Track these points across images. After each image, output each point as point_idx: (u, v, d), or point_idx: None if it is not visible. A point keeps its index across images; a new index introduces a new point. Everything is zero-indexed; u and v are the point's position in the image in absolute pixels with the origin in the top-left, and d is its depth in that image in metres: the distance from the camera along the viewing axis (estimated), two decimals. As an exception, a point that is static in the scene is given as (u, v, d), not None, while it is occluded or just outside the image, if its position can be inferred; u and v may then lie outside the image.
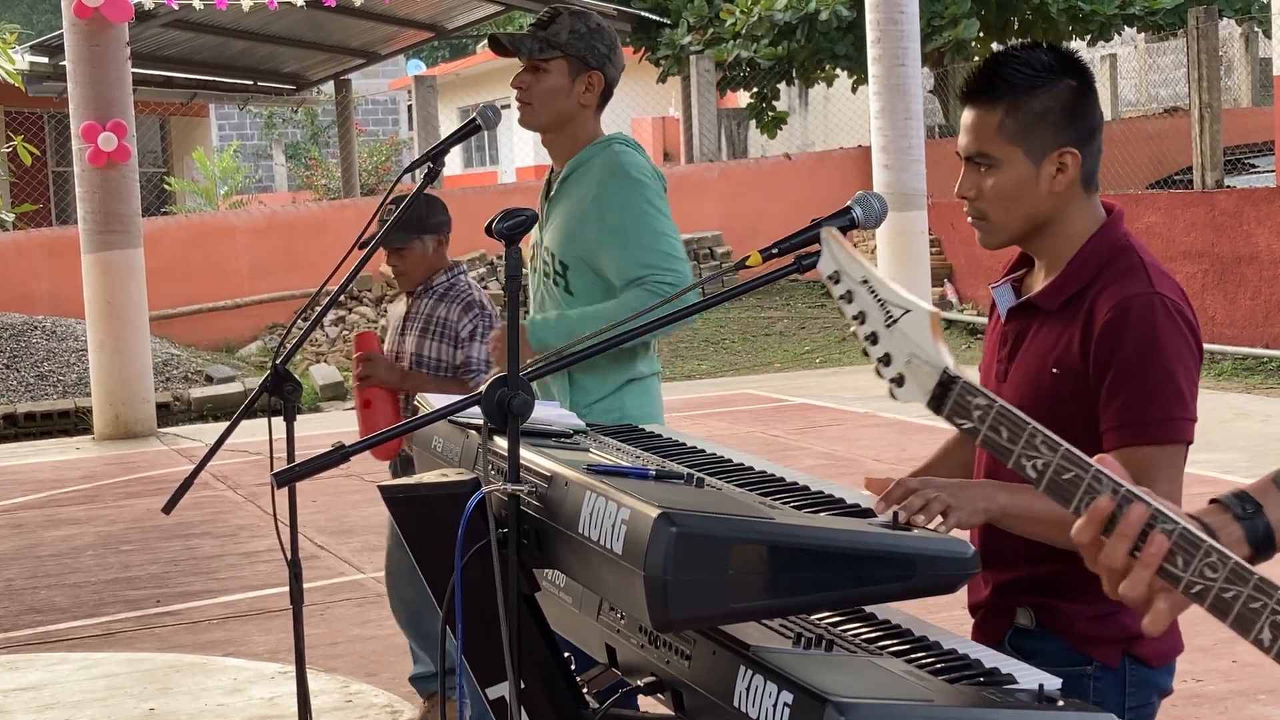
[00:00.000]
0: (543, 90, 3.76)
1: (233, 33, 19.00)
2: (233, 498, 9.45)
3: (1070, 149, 2.46)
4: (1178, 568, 1.50)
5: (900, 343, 1.64)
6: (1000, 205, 2.49)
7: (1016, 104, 2.45)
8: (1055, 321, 2.47)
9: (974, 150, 2.50)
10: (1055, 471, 1.56)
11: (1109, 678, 2.48)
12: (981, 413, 1.59)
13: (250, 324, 16.41)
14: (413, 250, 4.91)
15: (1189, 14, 14.33)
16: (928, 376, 1.63)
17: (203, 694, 5.64)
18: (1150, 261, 2.45)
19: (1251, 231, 12.91)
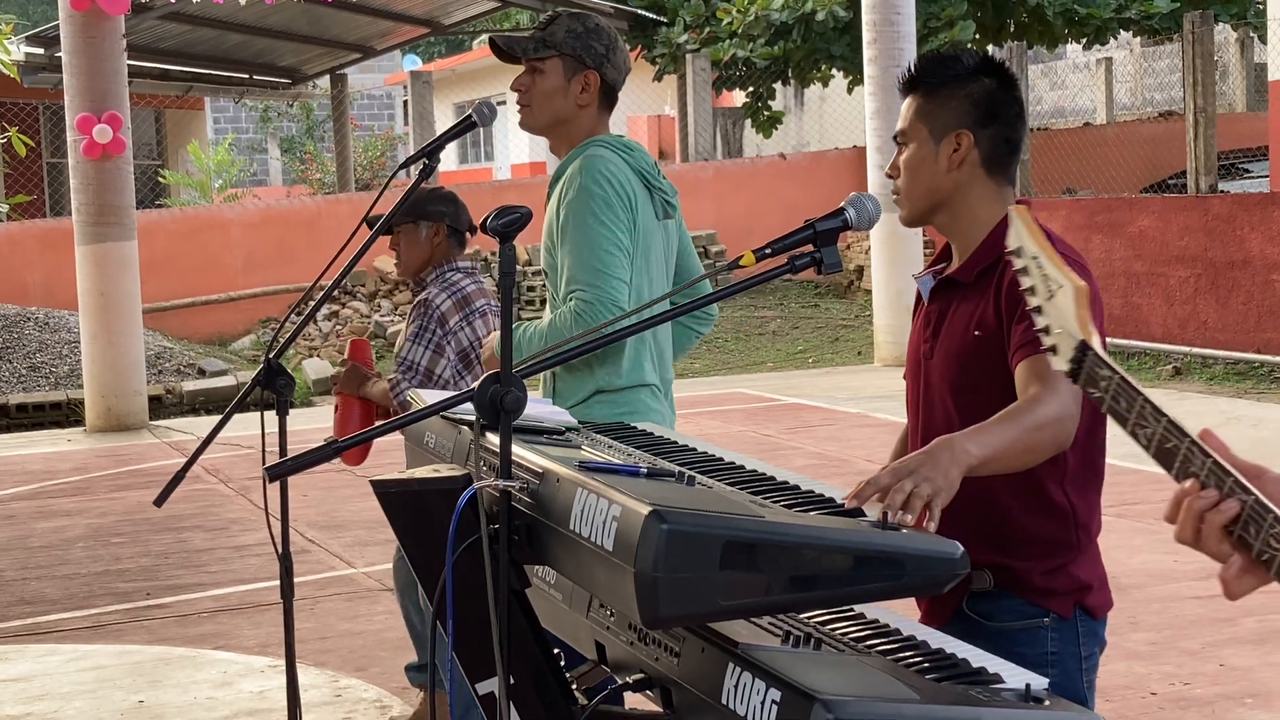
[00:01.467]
0: (540, 91, 3.74)
1: (229, 26, 18.98)
2: (224, 491, 9.45)
3: (965, 131, 2.73)
4: (1250, 535, 1.58)
5: (1055, 315, 1.80)
6: (907, 178, 2.79)
7: (931, 91, 2.77)
8: (972, 293, 2.72)
9: (897, 130, 2.83)
10: (1160, 440, 1.66)
11: (1064, 628, 2.67)
12: (1106, 383, 1.72)
13: (243, 318, 16.41)
14: (407, 234, 4.90)
15: (1185, 18, 14.35)
16: (1068, 347, 1.77)
17: (192, 687, 5.65)
18: (1055, 234, 2.57)
19: (1245, 236, 12.93)
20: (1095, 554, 2.75)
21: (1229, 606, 6.10)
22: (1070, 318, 1.78)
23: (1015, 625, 2.65)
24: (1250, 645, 5.60)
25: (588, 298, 3.52)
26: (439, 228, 4.91)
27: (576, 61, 3.73)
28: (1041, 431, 2.47)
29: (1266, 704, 5.09)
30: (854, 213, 2.34)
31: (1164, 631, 5.74)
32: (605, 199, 3.61)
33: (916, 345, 2.88)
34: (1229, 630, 5.80)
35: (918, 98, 2.79)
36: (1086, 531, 2.71)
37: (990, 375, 2.65)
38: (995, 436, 2.43)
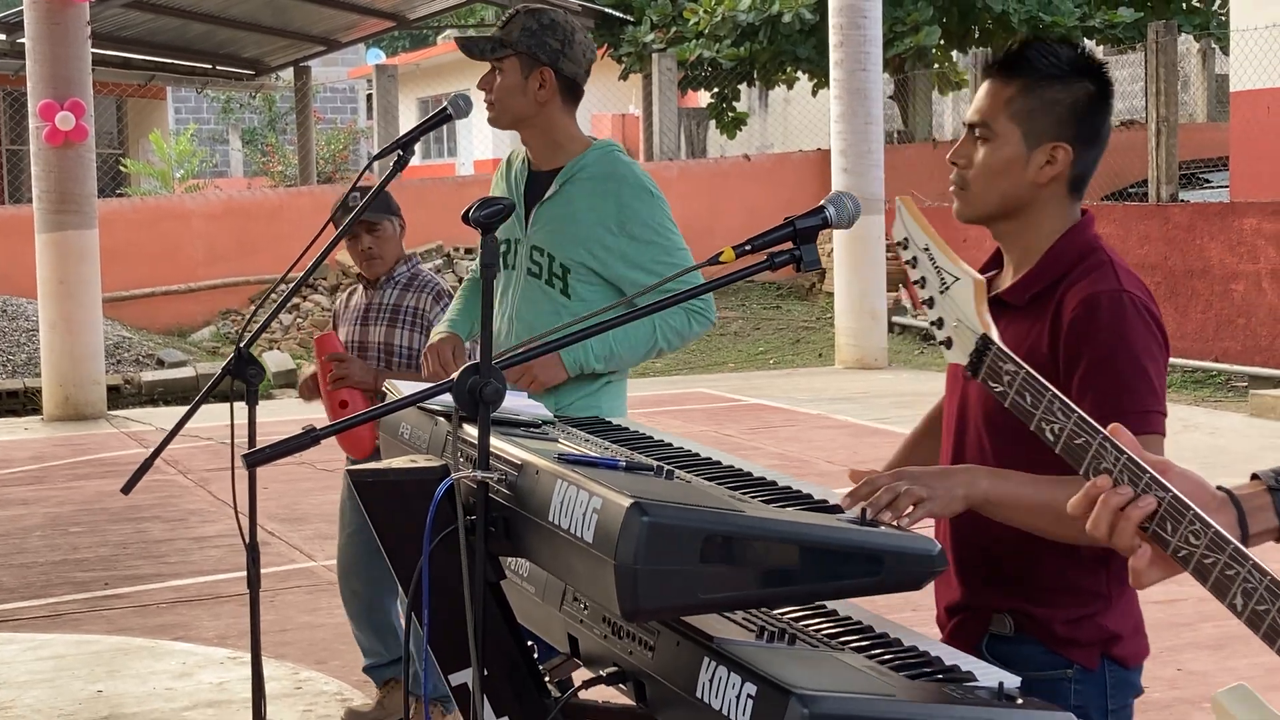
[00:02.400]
0: (500, 89, 3.79)
1: (193, 15, 18.88)
2: (183, 482, 9.39)
3: (1064, 144, 2.48)
4: (1166, 532, 1.60)
5: (950, 308, 1.77)
6: (983, 178, 2.50)
7: (1030, 86, 2.48)
8: (1023, 317, 2.48)
9: (977, 119, 2.51)
10: (1069, 436, 1.66)
11: (1089, 680, 2.48)
12: (1010, 377, 1.71)
13: (203, 309, 16.32)
14: (384, 230, 4.90)
15: (1148, 28, 14.46)
16: (967, 340, 1.75)
17: (151, 677, 5.61)
18: (1118, 262, 2.48)
19: (1204, 246, 13.04)
20: (1129, 601, 2.53)
21: (1187, 612, 6.15)
22: (969, 311, 1.75)
23: (1035, 675, 2.36)
24: (1208, 650, 5.64)
25: (703, 304, 3.82)
26: (403, 222, 4.97)
27: (531, 59, 3.76)
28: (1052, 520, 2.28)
29: (1223, 708, 5.13)
30: (834, 211, 2.34)
31: (1122, 635, 5.78)
32: (667, 207, 3.84)
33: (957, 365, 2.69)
34: (1187, 635, 5.85)
35: (1015, 90, 2.48)
36: (1121, 581, 2.47)
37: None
38: (1021, 489, 2.31)
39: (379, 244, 4.90)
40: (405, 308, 4.89)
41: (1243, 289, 12.72)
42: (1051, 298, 2.44)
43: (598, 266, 3.74)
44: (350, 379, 4.75)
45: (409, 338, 4.87)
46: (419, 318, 4.86)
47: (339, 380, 4.75)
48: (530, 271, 3.83)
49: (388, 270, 4.95)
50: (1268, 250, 12.53)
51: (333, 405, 4.81)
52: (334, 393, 4.78)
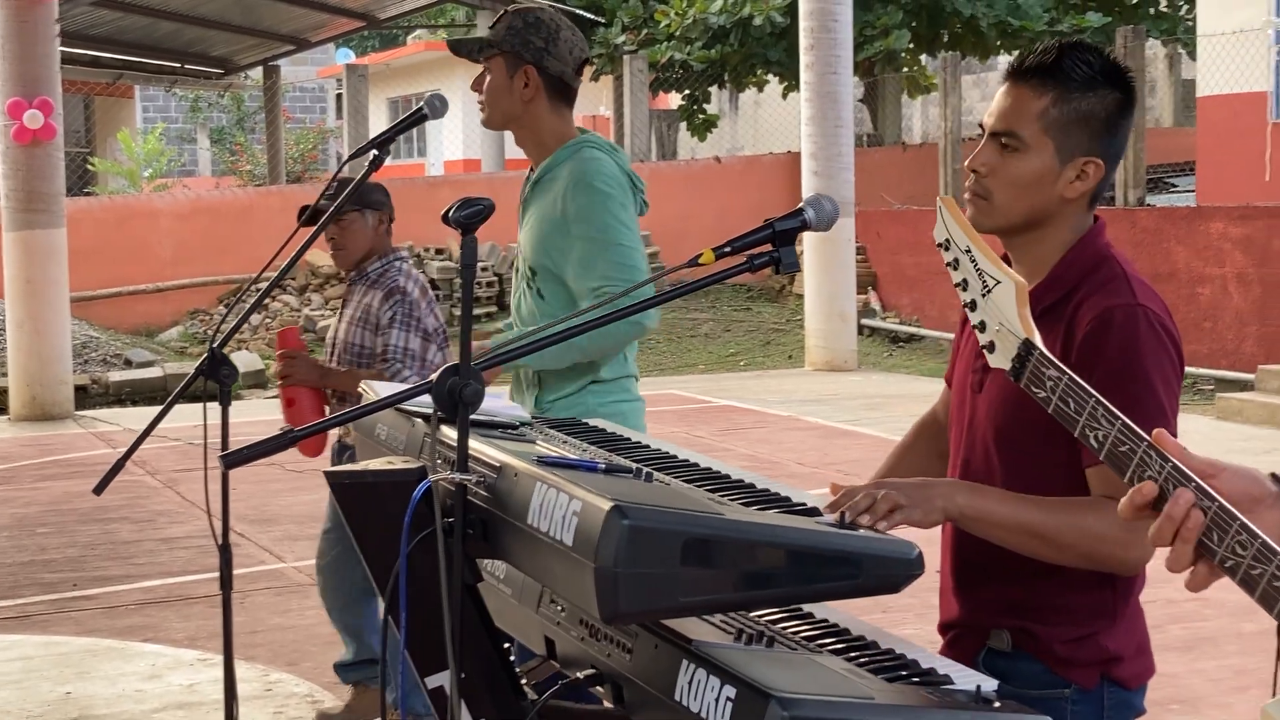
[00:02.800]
0: (488, 89, 3.78)
1: (162, 14, 18.81)
2: (151, 483, 9.34)
3: (1096, 159, 2.40)
4: (1213, 542, 1.58)
5: (992, 311, 1.75)
6: (1010, 190, 2.40)
7: (1067, 97, 2.38)
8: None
9: (1007, 128, 2.40)
10: (1114, 443, 1.65)
11: (1087, 701, 2.43)
12: (1053, 383, 1.70)
13: (171, 309, 16.24)
14: (351, 223, 4.84)
15: (1116, 33, 14.55)
16: (1010, 345, 1.73)
17: (120, 679, 5.58)
18: (1132, 273, 2.42)
19: (1171, 250, 13.12)
20: (1133, 620, 2.48)
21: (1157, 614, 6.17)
22: (1011, 315, 1.74)
23: (1033, 693, 2.35)
24: (1177, 652, 5.67)
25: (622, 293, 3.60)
26: (382, 216, 4.90)
27: (515, 57, 3.74)
28: (1067, 535, 2.27)
29: (1193, 709, 5.17)
30: (813, 213, 2.34)
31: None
32: (622, 201, 3.70)
33: (965, 374, 2.54)
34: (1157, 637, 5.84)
35: (1050, 100, 2.38)
36: (1126, 599, 2.44)
37: (1040, 431, 2.31)
38: (998, 507, 2.29)
39: (342, 235, 4.86)
40: (363, 305, 4.87)
41: (1209, 293, 12.80)
42: (1064, 310, 2.38)
43: (553, 267, 3.72)
44: (294, 377, 4.76)
45: (361, 336, 4.82)
46: (370, 316, 4.82)
47: (284, 378, 4.77)
48: (520, 274, 3.85)
49: (355, 264, 4.90)
50: (1234, 254, 12.61)
51: (283, 402, 4.82)
52: (284, 390, 4.80)
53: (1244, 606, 5.80)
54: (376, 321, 4.80)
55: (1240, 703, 5.17)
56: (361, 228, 4.85)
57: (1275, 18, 14.88)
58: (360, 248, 4.88)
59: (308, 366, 4.77)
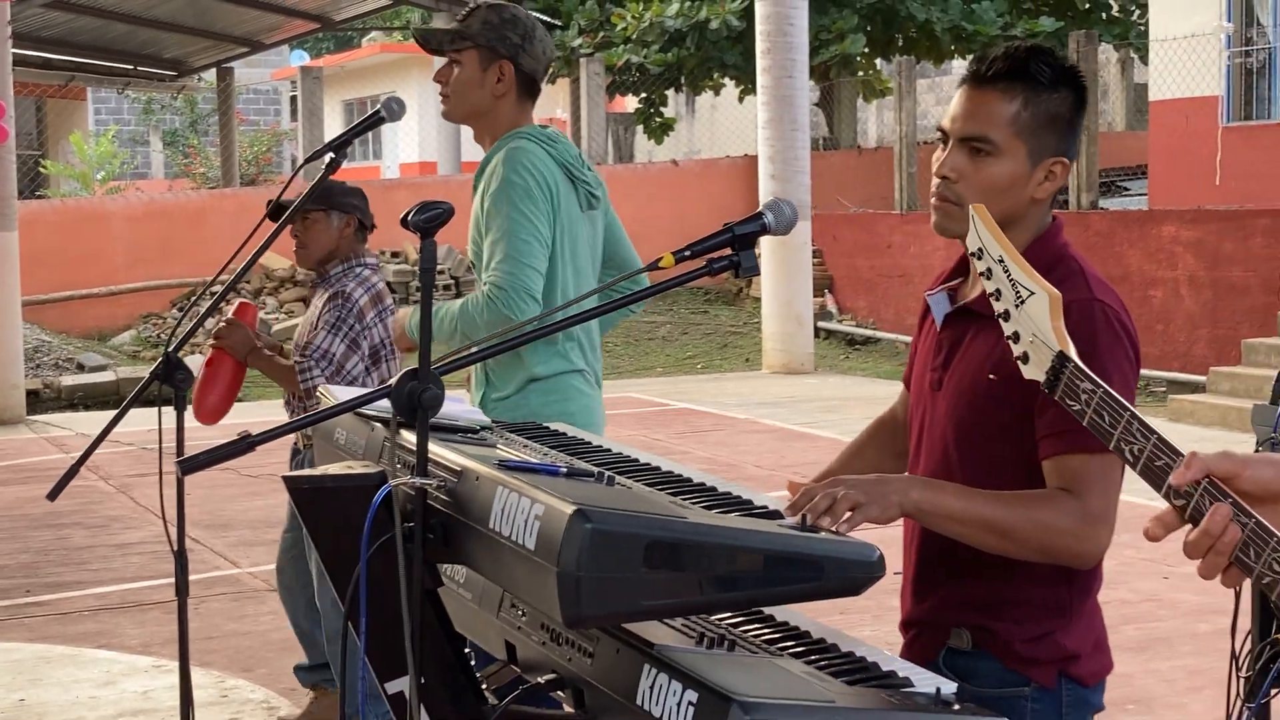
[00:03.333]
0: (457, 81, 3.77)
1: (114, 16, 18.65)
2: (105, 488, 9.27)
3: (1064, 159, 2.42)
4: (1250, 558, 1.58)
5: (1026, 322, 1.74)
6: (983, 195, 2.36)
7: (1036, 99, 2.39)
8: (993, 327, 2.27)
9: (977, 133, 2.39)
10: (1149, 458, 1.64)
11: (1046, 699, 2.44)
12: (1088, 396, 1.68)
13: (124, 312, 16.12)
14: (315, 222, 4.80)
15: (1069, 38, 14.63)
16: (1044, 357, 1.72)
17: (74, 686, 5.53)
18: (1089, 270, 2.44)
19: (1123, 253, 13.21)
20: (1090, 618, 2.49)
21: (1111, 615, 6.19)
22: (1045, 327, 1.73)
23: (993, 692, 2.38)
24: (1131, 653, 5.71)
25: (502, 283, 3.57)
26: (350, 220, 4.85)
27: (491, 52, 3.75)
28: (1023, 529, 2.28)
29: (1148, 710, 5.20)
30: (772, 217, 2.34)
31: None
32: (526, 189, 3.65)
33: (923, 373, 2.55)
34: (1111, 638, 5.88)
35: (1020, 103, 2.38)
36: (1084, 596, 2.45)
37: (999, 426, 2.37)
38: (953, 501, 2.29)
39: (305, 233, 4.82)
40: (315, 306, 4.85)
41: (1161, 295, 12.90)
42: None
43: (478, 256, 3.74)
44: (226, 341, 4.72)
45: (325, 338, 4.80)
46: (317, 318, 4.80)
47: (217, 339, 4.74)
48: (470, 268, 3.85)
49: (318, 263, 4.87)
50: (1186, 257, 12.71)
51: (205, 361, 4.82)
52: (212, 349, 4.78)
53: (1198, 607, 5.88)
54: (322, 323, 4.78)
55: (1194, 703, 5.21)
56: (325, 228, 4.81)
57: (1227, 23, 15.02)
58: (322, 248, 4.84)
59: (243, 339, 4.73)
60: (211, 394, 4.70)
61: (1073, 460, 2.29)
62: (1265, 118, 15.22)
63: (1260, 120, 15.24)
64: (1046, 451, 2.32)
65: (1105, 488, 2.30)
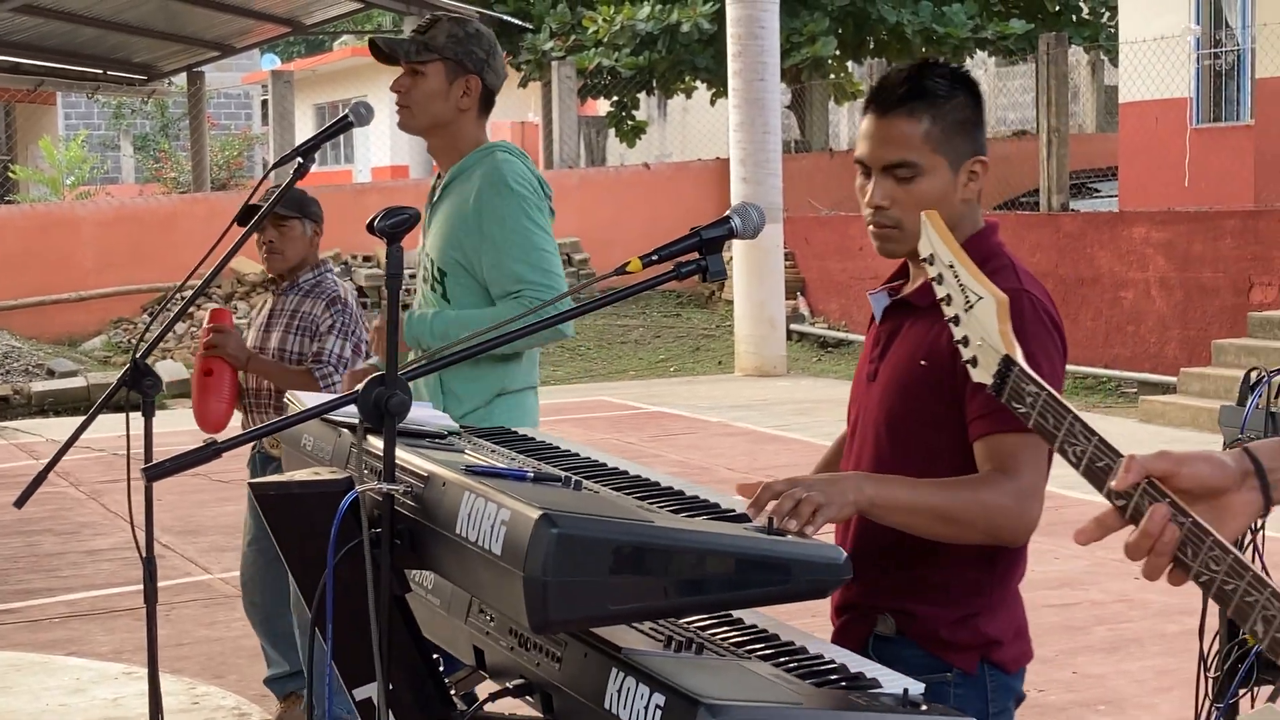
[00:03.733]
0: (420, 94, 3.77)
1: (83, 20, 18.56)
2: (75, 494, 9.23)
3: (981, 158, 2.52)
4: (1188, 557, 1.59)
5: (975, 326, 1.77)
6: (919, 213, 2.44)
7: (940, 113, 2.48)
8: (925, 318, 2.49)
9: (898, 159, 2.47)
10: (1090, 459, 1.65)
11: (969, 684, 2.51)
12: (1032, 398, 1.70)
13: (95, 318, 16.04)
14: (291, 229, 4.85)
15: (1039, 40, 14.69)
16: (991, 361, 1.74)
17: (44, 693, 5.51)
18: (1020, 266, 2.55)
19: (1094, 254, 13.26)
20: (1012, 605, 2.57)
21: (1082, 615, 6.24)
22: (993, 331, 1.75)
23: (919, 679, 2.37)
24: (1102, 653, 5.73)
25: (543, 295, 3.61)
26: (319, 229, 4.92)
27: (458, 66, 3.76)
28: (970, 512, 2.35)
29: (1119, 710, 5.22)
30: (739, 221, 2.35)
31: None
32: (535, 202, 3.72)
33: (863, 365, 2.66)
34: (1082, 639, 5.94)
35: (928, 121, 2.47)
36: (1005, 582, 2.54)
37: (928, 412, 2.47)
38: (902, 492, 2.34)
39: (281, 239, 4.85)
40: (300, 313, 4.86)
41: (1132, 296, 12.96)
42: None
43: (468, 265, 3.73)
44: (223, 349, 4.68)
45: (299, 343, 4.83)
46: (309, 323, 4.83)
47: (211, 348, 4.69)
48: (424, 279, 3.83)
49: (289, 270, 4.90)
50: (1156, 258, 12.77)
51: (199, 371, 4.74)
52: (204, 359, 4.71)
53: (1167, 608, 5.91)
54: (315, 329, 4.81)
55: (1164, 703, 5.23)
56: (300, 235, 4.87)
57: (1195, 25, 15.10)
58: (296, 254, 4.90)
59: (237, 344, 4.72)
60: (214, 402, 4.68)
61: (1005, 440, 2.37)
62: (1234, 119, 15.32)
63: (1229, 122, 15.33)
64: (977, 432, 2.41)
65: (1037, 464, 2.39)
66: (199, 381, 4.72)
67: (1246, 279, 12.14)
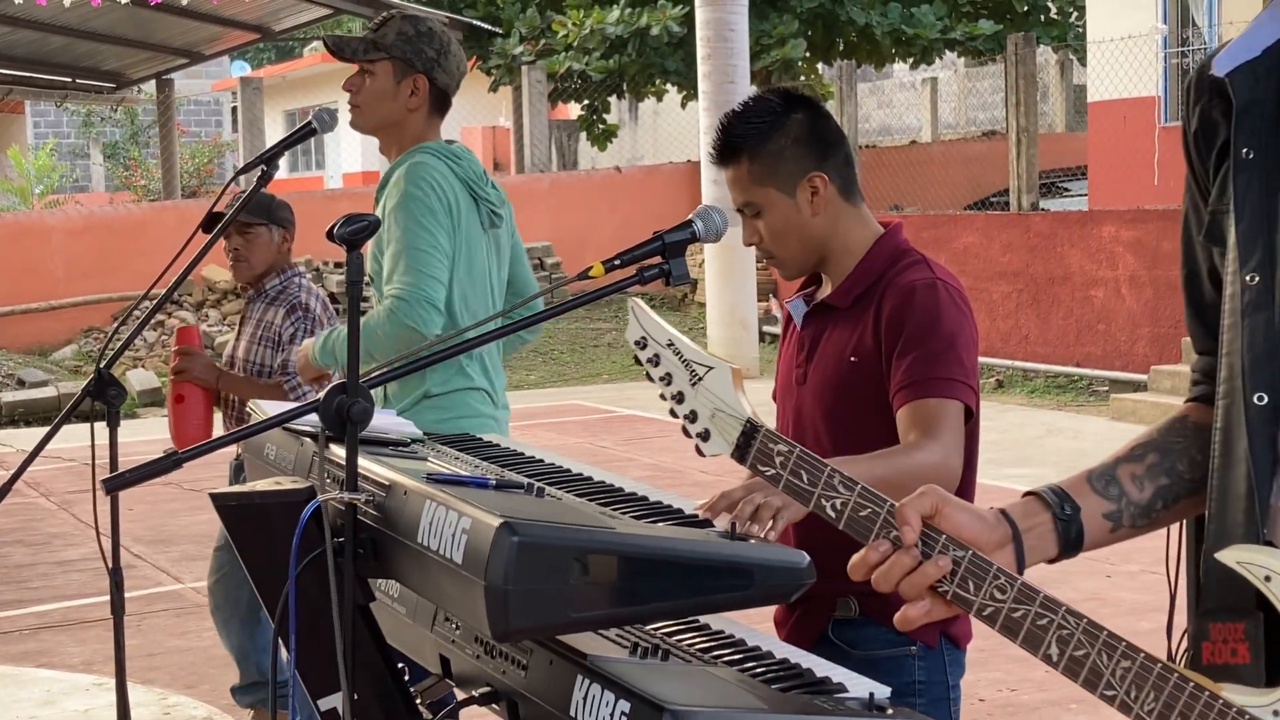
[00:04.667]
0: (369, 92, 3.75)
1: (51, 28, 18.48)
2: (45, 505, 9.18)
3: (816, 173, 2.67)
4: (969, 592, 1.61)
5: (705, 399, 1.74)
6: (779, 242, 2.69)
7: (754, 152, 2.66)
8: (848, 318, 2.68)
9: (740, 202, 2.70)
10: (854, 509, 1.67)
11: (931, 657, 2.66)
12: (783, 458, 1.69)
13: (65, 327, 15.97)
14: (257, 236, 4.79)
15: (1008, 40, 14.73)
16: (731, 428, 1.72)
17: (14, 705, 5.47)
18: (933, 261, 2.70)
19: (1065, 253, 13.31)
20: None
21: (1053, 613, 6.24)
22: (729, 397, 1.74)
23: (881, 654, 2.61)
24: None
25: (404, 295, 3.56)
26: (287, 234, 4.86)
27: (406, 65, 3.73)
28: (914, 477, 2.39)
29: (1093, 710, 5.23)
30: (702, 225, 2.34)
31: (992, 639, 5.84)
32: (426, 203, 3.64)
33: (789, 370, 2.82)
34: (1054, 637, 5.94)
35: (745, 163, 2.67)
36: None
37: (866, 402, 2.62)
38: (859, 470, 2.34)
39: (246, 247, 4.81)
40: (264, 323, 4.82)
41: (1102, 295, 13.00)
42: (874, 295, 2.65)
43: (378, 276, 3.73)
44: (190, 374, 4.66)
45: (261, 354, 4.78)
46: (270, 332, 4.78)
47: (179, 373, 4.67)
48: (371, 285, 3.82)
49: (256, 278, 4.85)
50: (1126, 257, 12.82)
51: (172, 398, 4.72)
52: (175, 384, 4.69)
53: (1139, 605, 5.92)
54: (278, 338, 4.76)
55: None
56: (267, 242, 4.81)
57: (1162, 24, 15.16)
58: (263, 262, 4.84)
59: (205, 365, 4.69)
60: (189, 427, 4.65)
61: (926, 405, 2.52)
62: (1202, 118, 15.36)
63: (1197, 120, 15.37)
64: (901, 401, 2.55)
65: (956, 428, 2.53)
66: (172, 408, 4.71)
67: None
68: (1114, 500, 1.80)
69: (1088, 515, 1.80)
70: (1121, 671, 1.58)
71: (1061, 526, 1.78)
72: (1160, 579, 4.48)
